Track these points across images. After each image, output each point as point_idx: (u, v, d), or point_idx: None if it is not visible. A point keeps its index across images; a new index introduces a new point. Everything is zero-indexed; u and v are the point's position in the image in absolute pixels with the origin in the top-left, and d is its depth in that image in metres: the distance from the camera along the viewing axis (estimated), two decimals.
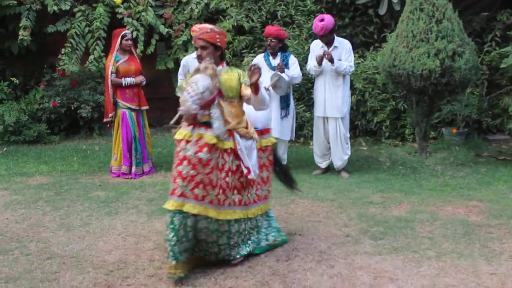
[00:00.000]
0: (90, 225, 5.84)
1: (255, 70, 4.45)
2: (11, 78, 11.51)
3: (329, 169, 8.09)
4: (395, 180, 7.54)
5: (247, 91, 4.62)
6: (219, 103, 4.54)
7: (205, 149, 4.42)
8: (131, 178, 7.97)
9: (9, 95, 11.31)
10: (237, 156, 4.61)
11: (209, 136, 4.45)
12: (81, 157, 9.39)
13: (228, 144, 4.57)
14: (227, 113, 4.57)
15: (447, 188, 7.08)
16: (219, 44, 4.60)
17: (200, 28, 4.63)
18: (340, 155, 7.82)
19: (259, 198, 4.92)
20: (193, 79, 4.40)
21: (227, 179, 4.56)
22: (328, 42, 7.62)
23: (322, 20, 7.45)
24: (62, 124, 11.37)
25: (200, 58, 4.60)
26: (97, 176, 8.12)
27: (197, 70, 4.48)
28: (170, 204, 4.42)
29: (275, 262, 4.77)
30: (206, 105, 4.43)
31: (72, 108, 11.02)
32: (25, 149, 10.13)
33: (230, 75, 4.67)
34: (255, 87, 4.53)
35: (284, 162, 8.01)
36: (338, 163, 7.87)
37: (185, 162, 4.42)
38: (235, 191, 4.65)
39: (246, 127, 4.74)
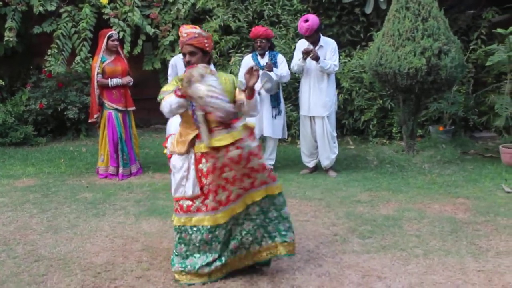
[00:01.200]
0: (78, 227, 5.82)
1: (254, 73, 4.26)
2: None
3: (317, 168, 8.10)
4: (382, 179, 7.56)
5: (241, 96, 4.39)
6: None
7: (253, 137, 4.37)
8: (118, 179, 7.94)
9: None
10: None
11: (246, 122, 4.36)
12: (68, 158, 9.35)
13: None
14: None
15: (434, 186, 7.11)
16: (207, 49, 4.40)
17: (187, 34, 4.41)
18: (328, 154, 7.83)
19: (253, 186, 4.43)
20: (208, 84, 4.08)
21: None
22: (314, 42, 7.63)
23: (307, 20, 7.45)
24: (49, 126, 11.33)
25: (188, 64, 4.36)
26: (84, 178, 8.09)
27: (199, 76, 4.11)
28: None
29: (272, 269, 4.77)
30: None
31: (59, 109, 10.98)
32: (11, 151, 10.08)
33: (225, 79, 4.45)
34: (250, 91, 4.32)
35: (273, 162, 8.04)
36: (325, 162, 7.88)
37: (255, 159, 4.33)
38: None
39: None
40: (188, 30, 4.44)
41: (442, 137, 9.49)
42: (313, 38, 7.59)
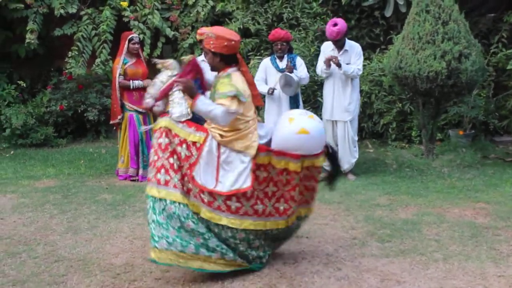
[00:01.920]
0: (97, 228, 5.85)
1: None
2: (18, 82, 11.54)
3: None
4: (401, 183, 7.53)
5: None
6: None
7: (163, 134, 4.42)
8: (138, 180, 7.98)
9: (16, 99, 11.36)
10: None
11: (164, 121, 4.45)
12: (88, 160, 9.42)
13: (196, 138, 4.42)
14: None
15: (454, 190, 7.07)
16: (213, 49, 4.42)
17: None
18: (348, 158, 7.80)
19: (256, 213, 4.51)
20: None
21: (193, 173, 4.39)
22: (340, 46, 7.63)
23: (336, 24, 7.43)
24: (69, 127, 11.41)
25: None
26: (104, 179, 8.14)
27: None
28: (146, 190, 4.52)
29: (282, 265, 4.77)
30: (161, 96, 4.55)
31: (79, 111, 11.06)
32: (32, 152, 10.17)
33: (218, 82, 4.49)
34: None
35: None
36: (345, 166, 7.83)
37: (151, 151, 4.53)
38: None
39: (224, 136, 4.41)
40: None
41: (462, 141, 9.42)
42: (340, 42, 7.58)
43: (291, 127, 4.53)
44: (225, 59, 4.49)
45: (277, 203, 4.55)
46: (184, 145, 4.42)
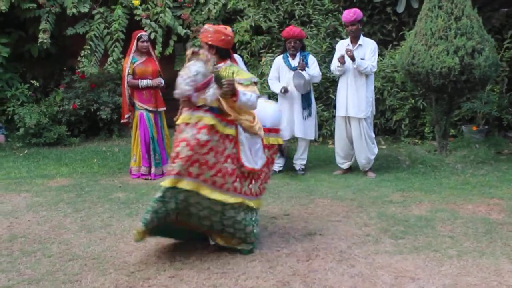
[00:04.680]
0: (111, 226, 5.87)
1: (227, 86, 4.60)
2: (31, 81, 11.62)
3: (351, 169, 8.05)
4: (415, 179, 7.51)
5: (239, 88, 4.70)
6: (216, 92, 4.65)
7: (204, 131, 4.53)
8: (150, 179, 8.00)
9: (30, 98, 11.42)
10: (235, 145, 4.78)
11: (208, 118, 4.56)
12: (101, 158, 9.45)
13: (229, 131, 4.70)
14: (226, 107, 4.70)
15: (467, 186, 7.04)
16: (210, 42, 4.85)
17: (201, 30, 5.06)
18: (366, 155, 7.75)
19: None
20: (186, 65, 4.62)
21: (225, 164, 4.67)
22: (354, 38, 7.60)
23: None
24: (82, 126, 11.47)
25: None
26: (117, 178, 8.17)
27: (190, 58, 4.68)
28: (167, 182, 4.56)
29: (295, 262, 4.77)
30: (201, 88, 4.54)
31: (92, 110, 11.11)
32: (45, 151, 10.23)
33: (227, 72, 4.85)
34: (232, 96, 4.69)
35: (304, 162, 8.04)
36: (363, 163, 7.82)
37: (182, 144, 4.52)
38: (237, 179, 4.76)
39: (252, 122, 4.86)
40: (204, 26, 5.05)
41: (476, 137, 9.37)
42: (356, 30, 7.55)
43: (274, 106, 5.46)
44: (219, 52, 4.90)
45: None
46: (221, 140, 4.65)
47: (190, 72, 4.51)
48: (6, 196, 7.24)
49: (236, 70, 4.90)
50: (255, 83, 4.90)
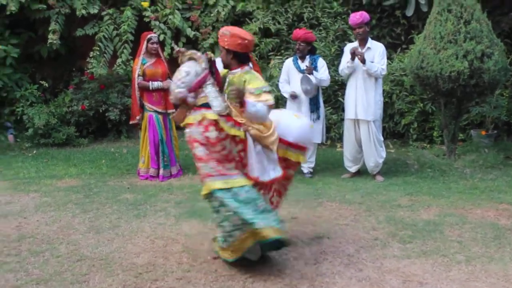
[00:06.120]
0: (119, 227, 5.89)
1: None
2: (40, 82, 11.67)
3: (359, 173, 8.04)
4: (423, 183, 7.49)
5: (249, 98, 4.54)
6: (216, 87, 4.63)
7: (211, 128, 4.42)
8: (159, 180, 8.01)
9: (39, 98, 11.46)
10: (244, 148, 4.58)
11: (210, 113, 4.45)
12: (109, 159, 9.47)
13: (236, 132, 4.51)
14: (235, 115, 4.56)
15: (476, 191, 7.02)
16: (226, 47, 4.67)
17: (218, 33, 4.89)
18: (375, 158, 7.73)
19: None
20: (179, 68, 4.63)
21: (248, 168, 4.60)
22: (362, 40, 7.59)
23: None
24: (91, 127, 11.48)
25: None
26: (125, 179, 8.18)
27: (181, 59, 4.71)
28: (204, 189, 4.48)
29: (303, 265, 4.77)
30: (195, 88, 4.53)
31: (100, 111, 11.13)
32: (54, 152, 10.25)
33: (240, 80, 4.65)
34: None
35: (312, 165, 8.03)
36: (372, 166, 7.81)
37: (196, 144, 4.44)
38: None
39: (262, 132, 4.62)
40: (222, 29, 4.83)
41: (484, 142, 9.34)
42: (364, 33, 7.52)
43: (303, 121, 5.15)
44: (237, 57, 4.70)
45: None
46: (227, 139, 4.49)
47: (180, 74, 4.53)
48: (15, 196, 7.26)
49: (249, 78, 4.64)
50: (268, 92, 4.64)
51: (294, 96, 7.76)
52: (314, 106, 7.84)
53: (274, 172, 4.73)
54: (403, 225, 5.75)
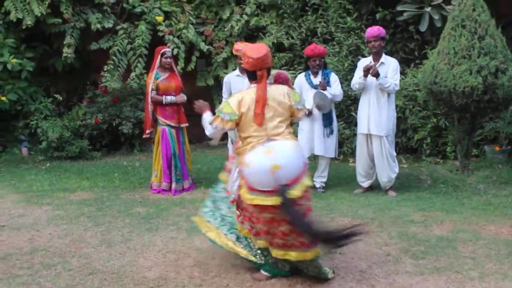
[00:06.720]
0: (131, 241, 5.89)
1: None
2: (55, 95, 11.75)
3: (372, 188, 8.01)
4: (436, 199, 7.45)
5: (298, 114, 4.74)
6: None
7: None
8: (171, 194, 8.01)
9: (53, 112, 11.54)
10: None
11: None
12: (122, 173, 9.49)
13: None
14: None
15: (490, 207, 6.96)
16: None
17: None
18: (388, 173, 7.69)
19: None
20: None
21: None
22: (376, 54, 7.58)
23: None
24: (104, 140, 11.53)
25: None
26: (138, 192, 8.19)
27: None
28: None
29: (315, 280, 4.74)
30: None
31: (114, 124, 11.18)
32: (67, 165, 10.30)
33: (277, 87, 4.69)
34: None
35: (325, 180, 8.01)
36: (385, 182, 7.77)
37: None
38: None
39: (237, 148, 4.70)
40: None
41: (498, 157, 9.28)
42: (378, 49, 7.50)
43: (267, 162, 4.33)
44: (249, 75, 4.70)
45: None
46: None
47: None
48: (28, 209, 7.30)
49: (289, 91, 4.65)
50: (218, 116, 4.54)
51: (310, 113, 7.74)
52: (327, 121, 7.83)
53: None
54: (416, 241, 5.71)
